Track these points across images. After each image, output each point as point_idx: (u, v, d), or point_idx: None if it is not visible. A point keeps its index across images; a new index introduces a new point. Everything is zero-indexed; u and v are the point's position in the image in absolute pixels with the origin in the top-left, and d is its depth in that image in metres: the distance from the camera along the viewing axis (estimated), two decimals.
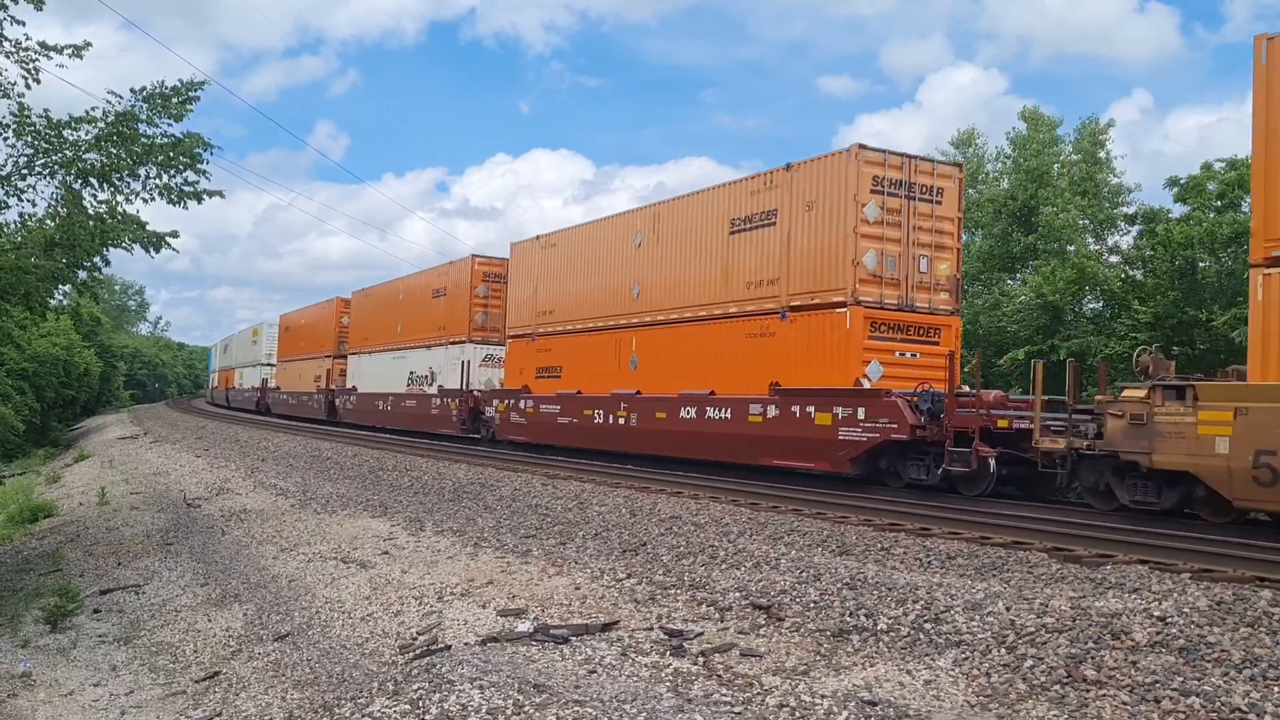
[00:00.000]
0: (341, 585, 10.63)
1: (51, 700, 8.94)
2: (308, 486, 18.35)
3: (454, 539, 11.94)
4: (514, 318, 24.18)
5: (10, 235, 13.77)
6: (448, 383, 27.20)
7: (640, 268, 19.23)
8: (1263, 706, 5.12)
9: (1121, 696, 5.43)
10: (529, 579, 9.57)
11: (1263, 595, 6.93)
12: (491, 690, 5.61)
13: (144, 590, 12.54)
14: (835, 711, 5.48)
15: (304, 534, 13.80)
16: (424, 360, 29.57)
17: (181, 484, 21.83)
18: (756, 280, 16.25)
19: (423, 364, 29.57)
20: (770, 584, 8.35)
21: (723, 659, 6.65)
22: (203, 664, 9.56)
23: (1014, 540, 9.88)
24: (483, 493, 15.38)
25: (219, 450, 28.27)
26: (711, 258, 17.31)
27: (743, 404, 15.94)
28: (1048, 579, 8.06)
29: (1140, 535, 9.73)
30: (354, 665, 8.04)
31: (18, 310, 15.85)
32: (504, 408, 23.48)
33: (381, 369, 32.82)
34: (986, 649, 6.36)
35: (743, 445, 16.03)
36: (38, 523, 19.47)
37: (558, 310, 22.15)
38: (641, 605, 8.25)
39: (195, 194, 14.16)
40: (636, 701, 5.59)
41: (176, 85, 13.90)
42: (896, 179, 15.07)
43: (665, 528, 11.21)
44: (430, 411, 28.01)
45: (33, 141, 13.20)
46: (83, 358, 58.73)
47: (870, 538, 10.16)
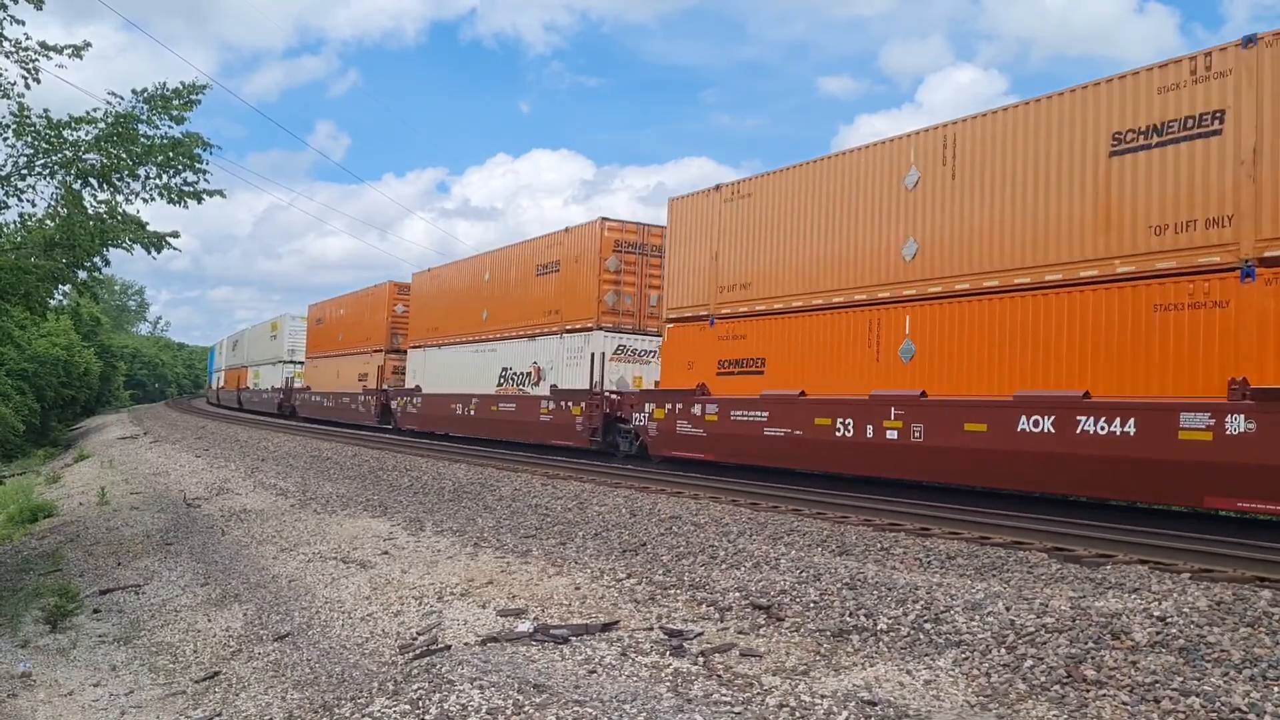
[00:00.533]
0: (341, 585, 10.63)
1: (51, 700, 8.94)
2: (308, 486, 18.36)
3: (454, 539, 11.94)
4: (679, 295, 18.22)
5: (10, 235, 13.77)
6: (565, 381, 21.50)
7: (919, 217, 13.58)
8: (1263, 706, 5.12)
9: (1121, 696, 5.43)
10: (529, 579, 9.57)
11: (1263, 595, 6.93)
12: (491, 690, 5.61)
13: (144, 590, 12.54)
14: (835, 711, 5.48)
15: (304, 534, 13.81)
16: (524, 354, 23.62)
17: (181, 484, 21.83)
18: (1176, 222, 10.75)
19: (522, 358, 23.69)
20: (770, 584, 8.35)
21: (723, 659, 6.65)
22: (203, 664, 9.56)
23: (1014, 540, 9.89)
24: (482, 493, 15.39)
25: (219, 450, 28.27)
26: (1072, 192, 11.78)
27: (1166, 414, 10.40)
28: (1048, 579, 8.06)
29: (1140, 535, 9.74)
30: (354, 665, 8.04)
31: (18, 310, 15.86)
32: (663, 414, 17.96)
33: (458, 365, 27.05)
34: (986, 649, 6.36)
35: (1171, 478, 10.40)
36: (38, 523, 19.47)
37: (757, 283, 16.34)
38: (641, 605, 8.25)
39: (195, 194, 14.18)
40: (636, 701, 5.59)
41: (178, 88, 13.91)
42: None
43: (665, 528, 11.21)
44: (538, 418, 22.13)
45: (33, 142, 13.21)
46: (83, 358, 58.74)
47: (870, 538, 10.16)
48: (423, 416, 29.36)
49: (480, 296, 26.68)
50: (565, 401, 21.25)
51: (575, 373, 21.15)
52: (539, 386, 22.63)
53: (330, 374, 39.34)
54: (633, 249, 21.46)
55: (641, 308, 21.37)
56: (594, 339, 20.88)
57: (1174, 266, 10.81)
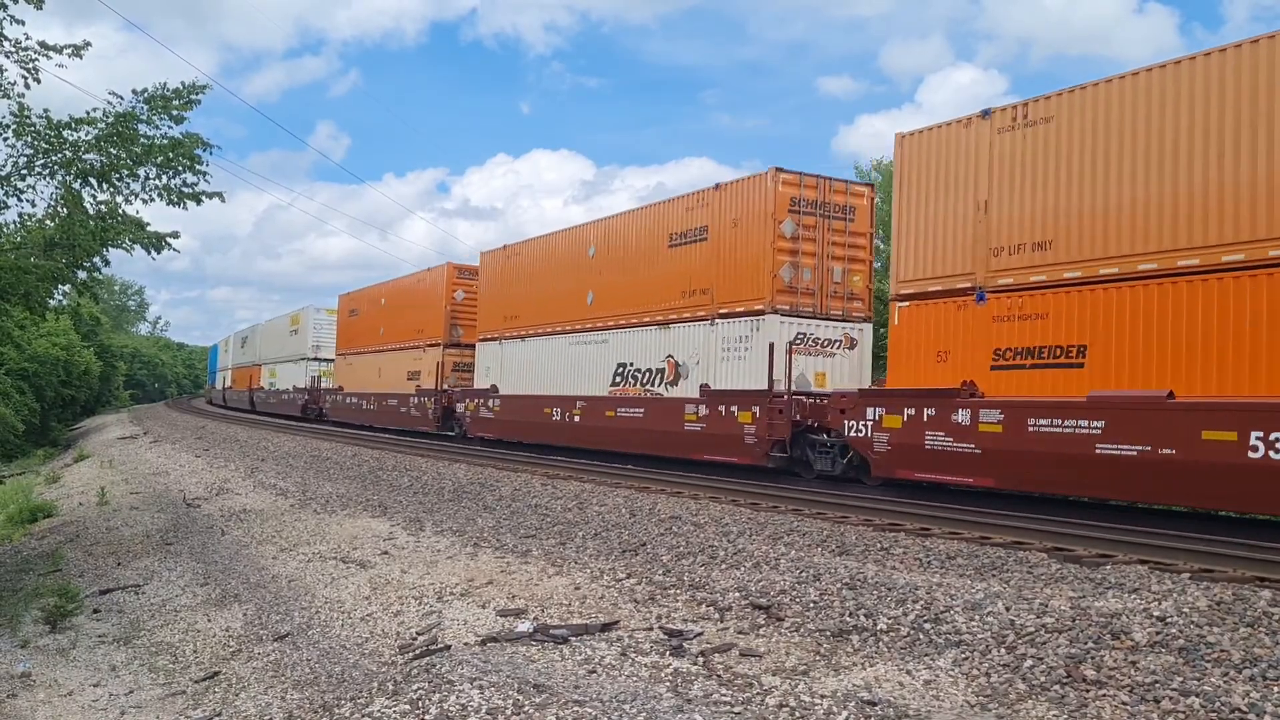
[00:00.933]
0: (341, 585, 10.63)
1: (51, 700, 8.94)
2: (307, 486, 18.35)
3: (454, 539, 11.94)
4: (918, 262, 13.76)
5: (10, 235, 13.78)
6: (720, 379, 17.07)
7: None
8: (1263, 706, 5.12)
9: (1121, 696, 5.43)
10: (529, 579, 9.57)
11: (1263, 595, 6.92)
12: (491, 690, 5.61)
13: (144, 590, 12.54)
14: (835, 711, 5.48)
15: (304, 534, 13.80)
16: (652, 346, 19.01)
17: (181, 484, 21.82)
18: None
19: (649, 351, 19.08)
20: (770, 584, 8.35)
21: (722, 659, 6.65)
22: (202, 664, 9.55)
23: (1014, 540, 9.88)
24: (482, 493, 15.38)
25: (219, 450, 28.27)
26: None
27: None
28: (1047, 579, 8.06)
29: (1140, 535, 9.74)
30: (354, 665, 8.03)
31: (18, 310, 15.86)
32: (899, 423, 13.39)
33: (550, 361, 22.55)
34: (986, 649, 6.36)
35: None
36: (37, 523, 19.47)
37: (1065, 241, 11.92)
38: (641, 605, 8.25)
39: (194, 195, 14.18)
40: (636, 701, 5.58)
41: (178, 88, 13.92)
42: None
43: (665, 528, 11.21)
44: (680, 428, 17.59)
45: (33, 142, 13.21)
46: (82, 358, 58.73)
47: (870, 538, 10.16)
48: (503, 423, 24.30)
49: (582, 277, 21.55)
50: (726, 406, 16.61)
51: (736, 369, 16.73)
52: (676, 386, 18.11)
53: (368, 372, 34.43)
54: (812, 209, 16.75)
55: (824, 285, 16.77)
56: (767, 325, 16.15)
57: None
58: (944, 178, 13.46)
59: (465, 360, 28.17)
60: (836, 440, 14.79)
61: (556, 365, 22.36)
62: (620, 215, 20.98)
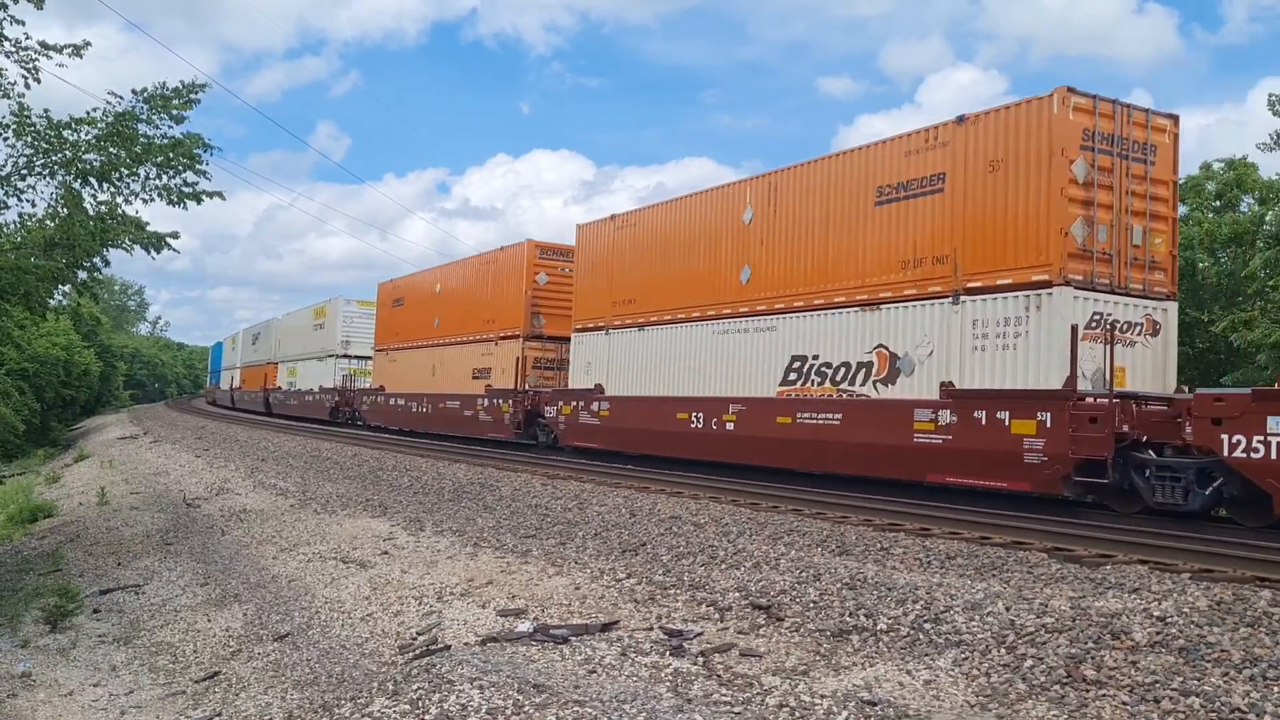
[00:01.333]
0: (341, 585, 10.63)
1: (51, 700, 8.94)
2: (307, 486, 18.35)
3: (454, 539, 11.94)
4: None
5: (10, 235, 13.78)
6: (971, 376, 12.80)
7: None
8: (1263, 706, 5.12)
9: (1121, 696, 5.43)
10: (529, 579, 9.57)
11: (1263, 595, 6.93)
12: (491, 690, 5.61)
13: (144, 590, 12.54)
14: (835, 711, 5.48)
15: (304, 534, 13.80)
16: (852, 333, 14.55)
17: (181, 484, 21.83)
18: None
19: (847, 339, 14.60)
20: (770, 584, 8.35)
21: (722, 659, 6.65)
22: (202, 664, 9.56)
23: (1014, 540, 9.88)
24: (482, 493, 15.39)
25: (219, 450, 28.27)
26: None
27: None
28: (1048, 579, 8.06)
29: (1140, 535, 9.74)
30: (354, 665, 8.04)
31: (18, 310, 15.86)
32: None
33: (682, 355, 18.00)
34: (986, 649, 6.36)
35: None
36: (37, 523, 19.48)
37: None
38: (641, 605, 8.25)
39: (194, 195, 14.19)
40: (636, 701, 5.58)
41: (177, 87, 13.93)
42: None
43: (665, 528, 11.21)
44: (909, 440, 13.20)
45: (33, 142, 13.22)
46: (83, 358, 58.76)
47: (870, 538, 10.16)
48: (614, 431, 19.69)
49: (734, 249, 17.12)
50: (988, 412, 12.27)
51: (997, 362, 12.52)
52: (892, 385, 13.82)
53: (417, 370, 29.66)
54: (1108, 146, 12.45)
55: (1121, 249, 12.55)
56: (1056, 303, 11.97)
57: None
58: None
59: (547, 356, 23.83)
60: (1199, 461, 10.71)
61: (694, 360, 17.76)
62: (793, 169, 16.10)
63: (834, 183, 15.20)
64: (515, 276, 24.70)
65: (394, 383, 31.67)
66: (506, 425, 23.59)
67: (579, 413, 20.85)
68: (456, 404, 26.44)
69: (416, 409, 29.23)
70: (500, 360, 24.56)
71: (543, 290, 24.16)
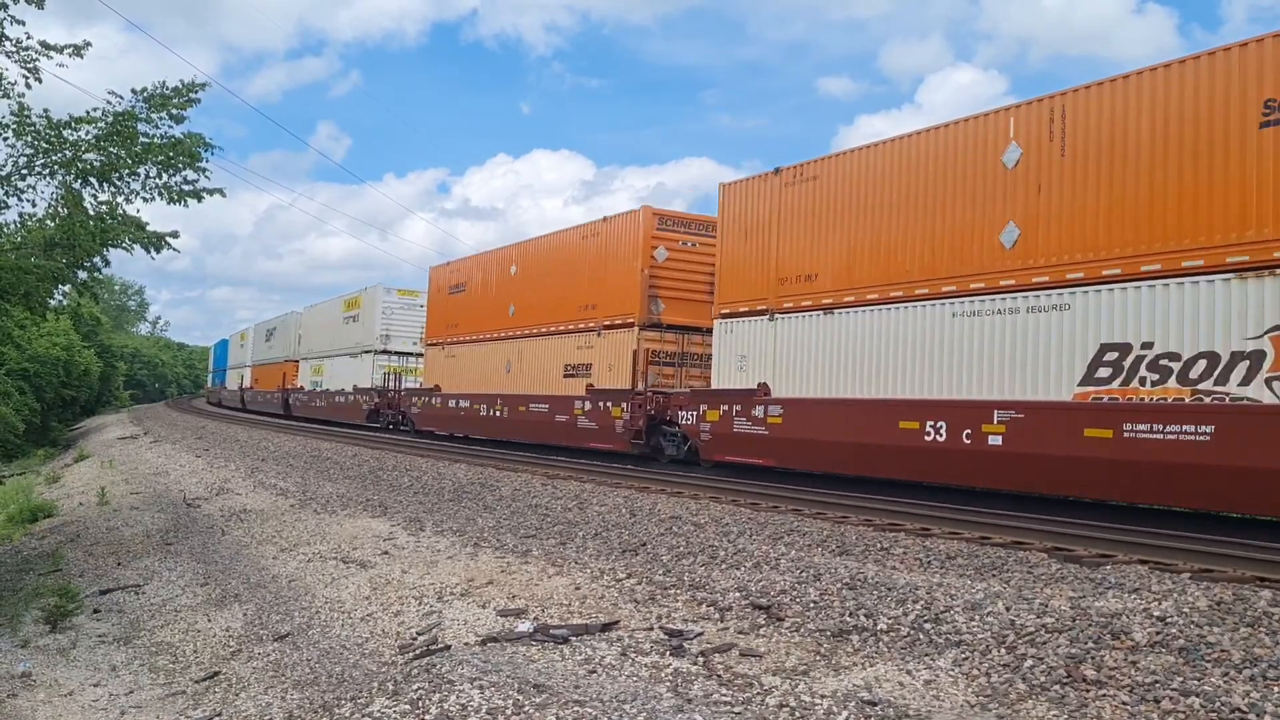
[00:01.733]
0: (341, 585, 10.63)
1: (51, 700, 8.94)
2: (308, 486, 18.36)
3: (454, 539, 11.94)
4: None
5: (10, 235, 13.79)
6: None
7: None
8: (1263, 707, 5.12)
9: (1121, 696, 5.43)
10: (529, 579, 9.57)
11: (1263, 595, 6.93)
12: (491, 690, 5.61)
13: (144, 590, 12.54)
14: (835, 711, 5.48)
15: (304, 534, 13.81)
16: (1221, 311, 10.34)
17: (181, 484, 21.83)
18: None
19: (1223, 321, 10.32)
20: (770, 584, 8.35)
21: (722, 659, 6.65)
22: (203, 664, 9.56)
23: (1014, 540, 9.89)
24: (482, 493, 15.39)
25: (219, 450, 28.28)
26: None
27: None
28: (1048, 579, 8.06)
29: (1140, 535, 9.74)
30: (354, 665, 8.04)
31: (18, 310, 15.87)
32: None
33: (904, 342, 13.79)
34: (986, 649, 6.36)
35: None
36: (37, 523, 19.49)
37: None
38: (641, 605, 8.25)
39: (195, 192, 14.20)
40: (636, 701, 5.58)
41: (177, 86, 13.94)
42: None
43: (665, 528, 11.21)
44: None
45: (33, 141, 13.23)
46: (83, 358, 58.78)
47: (870, 538, 10.16)
48: (791, 444, 15.25)
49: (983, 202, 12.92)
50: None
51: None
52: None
53: (487, 367, 25.20)
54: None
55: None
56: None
57: None
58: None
59: (666, 349, 19.45)
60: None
61: (917, 351, 13.56)
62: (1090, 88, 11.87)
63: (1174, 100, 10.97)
64: (628, 252, 19.95)
65: (452, 382, 27.28)
66: (619, 434, 19.08)
67: (733, 420, 16.30)
68: (544, 408, 21.88)
69: (487, 413, 24.60)
70: (605, 354, 20.20)
71: (661, 268, 19.61)
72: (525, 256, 24.33)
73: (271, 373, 48.34)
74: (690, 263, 19.75)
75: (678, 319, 19.67)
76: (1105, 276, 11.49)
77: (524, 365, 23.51)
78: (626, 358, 19.34)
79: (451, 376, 27.46)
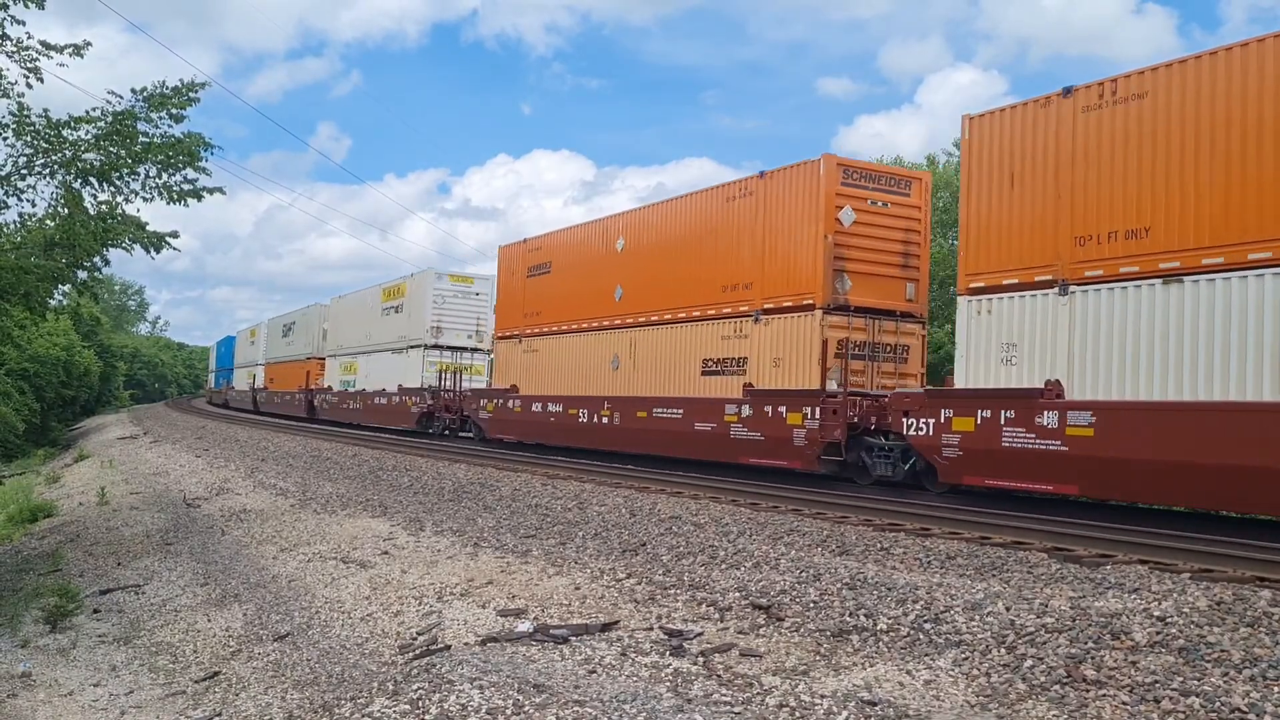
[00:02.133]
0: (341, 585, 10.63)
1: (51, 700, 8.94)
2: (308, 486, 18.35)
3: (454, 539, 11.94)
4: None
5: (10, 235, 13.80)
6: None
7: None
8: (1263, 707, 5.12)
9: (1121, 696, 5.43)
10: (529, 579, 9.57)
11: (1263, 595, 6.93)
12: (491, 690, 5.61)
13: (144, 590, 12.54)
14: (835, 711, 5.48)
15: (304, 534, 13.81)
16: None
17: (181, 484, 21.83)
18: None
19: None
20: (770, 584, 8.35)
21: (722, 659, 6.65)
22: (203, 664, 9.56)
23: (1014, 540, 9.89)
24: (482, 493, 15.39)
25: (219, 450, 28.28)
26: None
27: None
28: (1048, 579, 8.06)
29: (1140, 535, 9.74)
30: (354, 665, 8.04)
31: (18, 310, 15.88)
32: None
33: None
34: (986, 649, 6.36)
35: None
36: (37, 523, 19.50)
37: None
38: (641, 605, 8.25)
39: (195, 191, 14.21)
40: (636, 701, 5.58)
41: (176, 85, 13.95)
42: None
43: (665, 528, 11.21)
44: None
45: (32, 141, 13.23)
46: (83, 358, 58.78)
47: (870, 538, 10.16)
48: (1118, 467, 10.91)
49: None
50: None
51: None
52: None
53: (586, 362, 20.78)
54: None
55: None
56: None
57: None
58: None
59: (855, 338, 15.24)
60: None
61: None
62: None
63: None
64: (803, 213, 15.53)
65: (534, 381, 22.86)
66: (799, 448, 14.85)
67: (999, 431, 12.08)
68: (676, 414, 17.56)
69: (589, 419, 20.10)
70: (768, 345, 15.94)
71: (848, 235, 15.36)
72: (637, 228, 19.90)
73: (291, 371, 44.08)
74: (881, 227, 15.75)
75: (868, 299, 15.51)
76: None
77: (640, 361, 19.10)
78: (804, 349, 15.21)
79: (533, 375, 23.06)
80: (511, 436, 23.79)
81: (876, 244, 15.70)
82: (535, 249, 23.78)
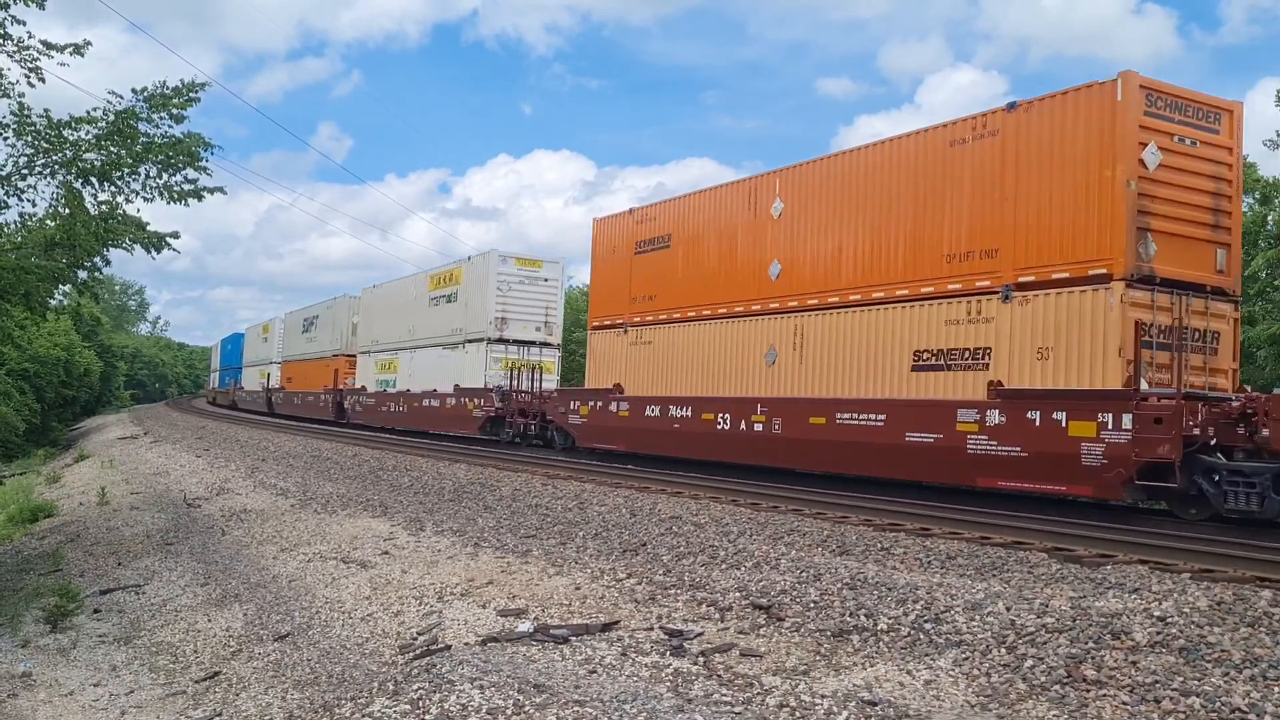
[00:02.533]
0: (341, 585, 10.63)
1: (51, 700, 8.94)
2: (308, 486, 18.35)
3: (454, 539, 11.94)
4: None
5: (10, 235, 13.80)
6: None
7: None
8: (1263, 707, 5.12)
9: (1121, 696, 5.43)
10: (529, 579, 9.57)
11: (1263, 595, 6.92)
12: (491, 690, 5.61)
13: (144, 590, 12.55)
14: (835, 711, 5.48)
15: (304, 534, 13.81)
16: None
17: (181, 484, 21.83)
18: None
19: None
20: (770, 584, 8.35)
21: (723, 659, 6.65)
22: (203, 664, 9.56)
23: (1014, 540, 9.88)
24: (483, 493, 15.38)
25: (219, 450, 28.28)
26: None
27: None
28: (1048, 579, 8.06)
29: (1140, 535, 9.74)
30: (354, 665, 8.04)
31: (18, 310, 15.88)
32: None
33: None
34: (986, 649, 6.36)
35: None
36: (38, 523, 19.51)
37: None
38: (641, 605, 8.25)
39: (195, 191, 14.21)
40: (636, 701, 5.58)
41: (177, 86, 13.95)
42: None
43: (665, 528, 11.21)
44: None
45: (33, 141, 13.23)
46: (83, 358, 58.78)
47: (870, 538, 10.16)
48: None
49: None
50: None
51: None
52: None
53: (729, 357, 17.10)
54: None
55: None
56: None
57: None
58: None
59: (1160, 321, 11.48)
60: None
61: None
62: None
63: None
64: (1084, 150, 11.82)
65: (646, 379, 19.21)
66: (1089, 468, 11.16)
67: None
68: (876, 421, 13.87)
69: (730, 426, 16.60)
70: (1026, 331, 12.21)
71: (1155, 181, 11.61)
72: (800, 187, 16.01)
73: (314, 370, 39.40)
74: (1189, 173, 12.01)
75: (1174, 270, 11.76)
76: None
77: (810, 354, 15.37)
78: (1089, 336, 11.54)
79: (644, 372, 19.32)
80: (616, 446, 19.66)
81: (1185, 195, 11.90)
82: (647, 220, 19.83)
